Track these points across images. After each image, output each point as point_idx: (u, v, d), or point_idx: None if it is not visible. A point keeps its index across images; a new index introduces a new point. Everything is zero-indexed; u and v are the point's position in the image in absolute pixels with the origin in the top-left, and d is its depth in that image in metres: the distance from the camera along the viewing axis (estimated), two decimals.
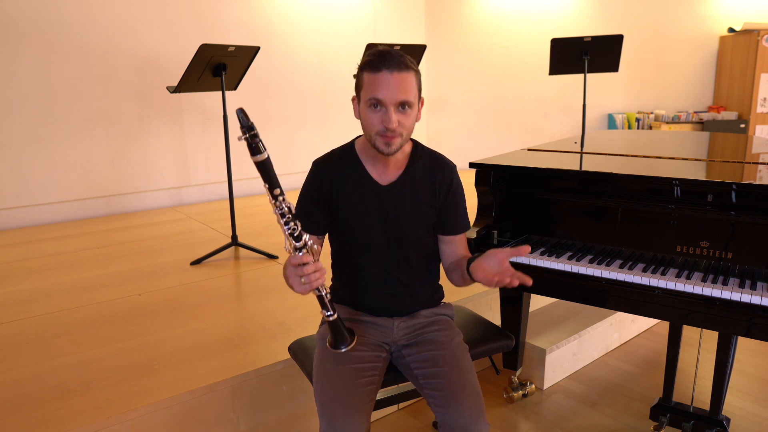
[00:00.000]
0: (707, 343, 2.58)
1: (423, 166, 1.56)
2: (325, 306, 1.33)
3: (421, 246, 1.59)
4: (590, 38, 4.34)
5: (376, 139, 1.42)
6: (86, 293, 2.73)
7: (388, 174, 1.53)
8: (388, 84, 1.36)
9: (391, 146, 1.41)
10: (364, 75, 1.41)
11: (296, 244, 1.25)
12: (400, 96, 1.37)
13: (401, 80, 1.37)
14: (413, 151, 1.57)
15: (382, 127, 1.39)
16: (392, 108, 1.37)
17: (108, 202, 4.52)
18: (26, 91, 4.06)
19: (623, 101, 6.54)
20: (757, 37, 6.01)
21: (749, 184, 1.63)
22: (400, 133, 1.40)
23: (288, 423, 2.03)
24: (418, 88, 1.43)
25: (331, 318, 1.34)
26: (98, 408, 1.71)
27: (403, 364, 1.55)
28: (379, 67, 1.37)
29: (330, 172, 1.53)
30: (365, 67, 1.40)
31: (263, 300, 2.62)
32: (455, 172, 1.62)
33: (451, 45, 6.32)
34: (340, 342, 1.37)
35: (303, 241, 1.25)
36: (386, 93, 1.36)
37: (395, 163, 1.53)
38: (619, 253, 1.80)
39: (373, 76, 1.38)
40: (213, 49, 3.00)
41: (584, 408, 2.30)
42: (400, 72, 1.37)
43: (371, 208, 1.52)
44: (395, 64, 1.36)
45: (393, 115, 1.37)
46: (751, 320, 1.50)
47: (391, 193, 1.52)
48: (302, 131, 5.49)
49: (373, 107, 1.39)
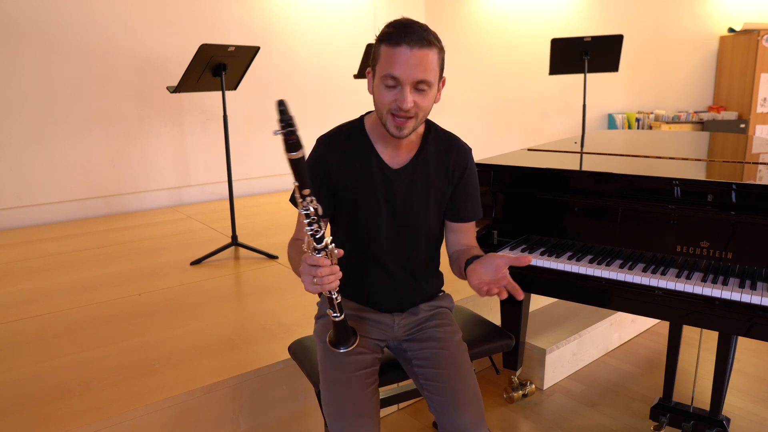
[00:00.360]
0: (707, 343, 2.58)
1: (437, 149, 1.47)
2: (333, 307, 1.27)
3: (430, 235, 1.52)
4: (590, 38, 4.34)
5: (387, 119, 1.31)
6: (86, 293, 2.73)
7: (400, 156, 1.43)
8: (406, 61, 1.23)
9: (403, 130, 1.31)
10: (381, 48, 1.27)
11: (317, 246, 1.17)
12: (419, 74, 1.25)
13: (421, 57, 1.24)
14: (426, 132, 1.46)
15: (396, 106, 1.28)
16: (408, 87, 1.26)
17: (108, 202, 4.52)
18: (26, 91, 4.06)
19: (623, 101, 6.54)
20: (757, 37, 6.01)
21: (749, 184, 1.63)
22: (415, 114, 1.30)
23: (288, 423, 2.03)
24: (440, 67, 1.31)
25: (337, 319, 1.30)
26: (98, 408, 1.71)
27: (405, 358, 1.53)
28: (398, 41, 1.23)
29: (336, 152, 1.42)
30: (384, 39, 1.27)
31: (263, 300, 2.62)
32: (470, 156, 1.53)
33: (451, 45, 6.29)
34: (342, 343, 1.35)
35: (324, 243, 1.17)
36: (403, 70, 1.24)
37: (407, 144, 1.43)
38: (619, 253, 1.80)
39: (390, 51, 1.25)
40: (213, 49, 3.00)
41: (584, 408, 2.30)
42: (422, 48, 1.24)
43: (380, 193, 1.43)
44: (416, 39, 1.23)
45: (409, 95, 1.26)
46: (751, 320, 1.50)
47: (402, 177, 1.42)
48: (302, 131, 5.42)
49: (388, 85, 1.28)
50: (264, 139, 5.23)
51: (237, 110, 4.95)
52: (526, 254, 1.28)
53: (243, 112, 5.06)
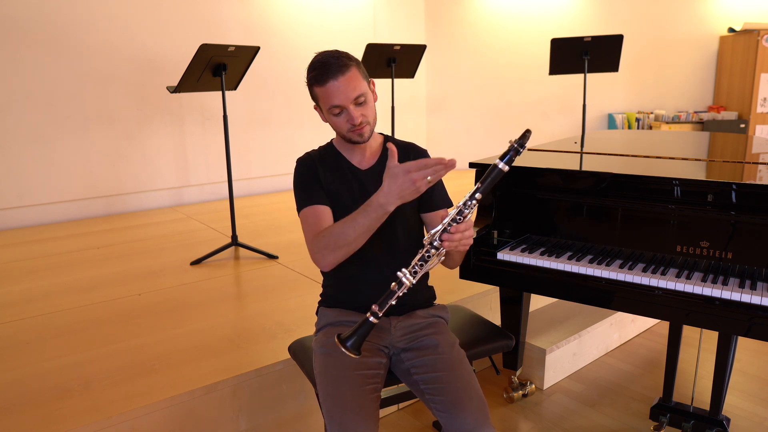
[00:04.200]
0: (707, 343, 2.58)
1: (398, 151, 1.62)
2: (383, 304, 1.35)
3: (406, 225, 1.63)
4: (590, 38, 4.34)
5: (349, 135, 1.54)
6: (86, 293, 2.73)
7: (366, 160, 1.64)
8: (338, 89, 1.47)
9: (363, 135, 1.54)
10: (315, 90, 1.52)
11: (458, 218, 1.35)
12: (352, 93, 1.48)
13: (348, 80, 1.47)
14: (385, 141, 1.69)
15: (350, 125, 1.51)
16: (351, 107, 1.49)
17: (108, 202, 4.52)
18: (26, 91, 4.06)
19: (623, 101, 6.54)
20: (757, 37, 6.01)
21: (749, 184, 1.63)
22: (367, 122, 1.53)
23: (288, 423, 2.03)
24: (364, 77, 1.53)
25: (372, 320, 1.35)
26: (98, 408, 1.71)
27: (402, 369, 1.55)
28: (325, 79, 1.47)
29: (313, 164, 1.63)
30: (313, 82, 1.51)
31: (263, 300, 2.62)
32: (427, 154, 1.70)
33: (451, 45, 6.32)
34: (354, 345, 1.34)
35: (463, 216, 1.36)
36: (341, 98, 1.48)
37: (371, 151, 1.65)
38: (619, 253, 1.80)
39: (323, 89, 1.49)
40: (213, 49, 3.00)
41: (584, 408, 2.30)
42: (344, 74, 1.47)
43: (355, 191, 1.60)
44: (336, 69, 1.47)
45: (354, 112, 1.49)
46: (751, 320, 1.50)
47: (371, 175, 1.61)
48: (302, 131, 5.48)
49: (335, 113, 1.51)
50: (264, 139, 5.23)
51: (237, 110, 4.95)
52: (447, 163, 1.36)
53: (243, 112, 5.06)
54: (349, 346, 1.34)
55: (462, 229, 1.36)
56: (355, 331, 1.35)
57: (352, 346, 1.34)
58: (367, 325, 1.35)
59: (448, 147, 6.41)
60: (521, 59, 6.24)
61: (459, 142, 6.46)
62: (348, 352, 1.34)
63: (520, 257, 1.85)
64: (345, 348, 1.34)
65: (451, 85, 6.41)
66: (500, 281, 1.96)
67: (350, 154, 1.64)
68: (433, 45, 6.04)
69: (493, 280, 1.95)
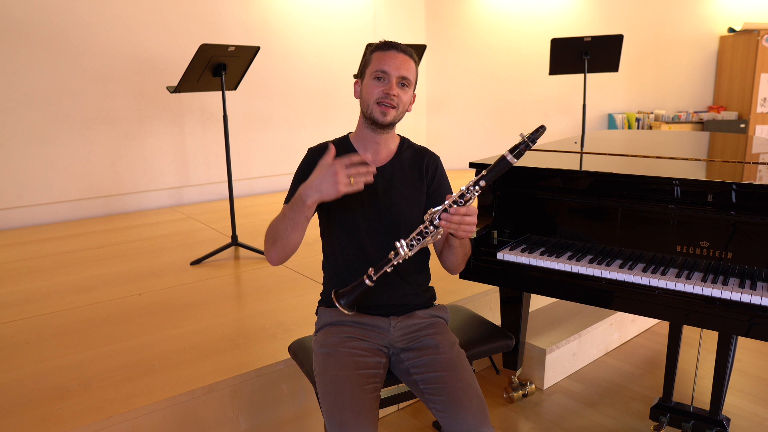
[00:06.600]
0: (707, 343, 2.58)
1: (411, 154, 1.69)
2: (379, 269, 1.41)
3: (411, 227, 1.60)
4: (590, 38, 4.34)
5: (373, 109, 1.54)
6: (86, 293, 2.73)
7: (380, 157, 1.63)
8: (394, 59, 1.53)
9: (386, 116, 1.54)
10: (373, 54, 1.57)
11: (459, 201, 1.39)
12: (404, 71, 1.54)
13: (406, 60, 1.55)
14: (401, 143, 1.69)
15: (383, 94, 1.53)
16: (395, 80, 1.53)
17: (108, 202, 4.52)
18: (26, 91, 4.06)
19: (623, 101, 6.54)
20: (757, 37, 6.01)
21: (749, 184, 1.63)
22: (396, 104, 1.54)
23: (288, 423, 2.03)
24: (416, 79, 1.60)
25: (368, 283, 1.42)
26: (98, 408, 1.71)
27: (402, 369, 1.55)
28: (388, 47, 1.55)
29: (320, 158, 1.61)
30: (375, 48, 1.57)
31: (263, 300, 2.62)
32: (440, 161, 1.74)
33: (451, 45, 6.32)
34: (347, 303, 1.43)
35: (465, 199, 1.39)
36: (392, 66, 1.53)
37: (386, 149, 1.64)
38: (619, 253, 1.80)
39: (382, 54, 1.54)
40: (213, 49, 3.00)
41: (584, 408, 2.30)
42: (406, 55, 1.55)
43: (364, 189, 1.57)
44: (402, 49, 1.56)
45: (395, 86, 1.53)
46: (751, 320, 1.50)
47: (383, 174, 1.61)
48: (302, 131, 5.48)
49: (377, 79, 1.54)
50: (264, 139, 5.23)
51: (237, 110, 4.95)
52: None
53: (243, 112, 5.06)
54: (342, 303, 1.43)
55: (462, 212, 1.37)
56: (351, 290, 1.44)
57: (346, 304, 1.43)
58: (363, 286, 1.43)
59: (448, 147, 6.41)
60: (521, 59, 6.24)
61: (459, 142, 6.46)
62: (341, 309, 1.43)
63: (520, 257, 1.85)
64: (339, 304, 1.43)
65: (451, 85, 6.40)
66: (500, 281, 1.96)
67: (364, 150, 1.63)
68: (433, 45, 6.04)
69: (493, 280, 1.95)
